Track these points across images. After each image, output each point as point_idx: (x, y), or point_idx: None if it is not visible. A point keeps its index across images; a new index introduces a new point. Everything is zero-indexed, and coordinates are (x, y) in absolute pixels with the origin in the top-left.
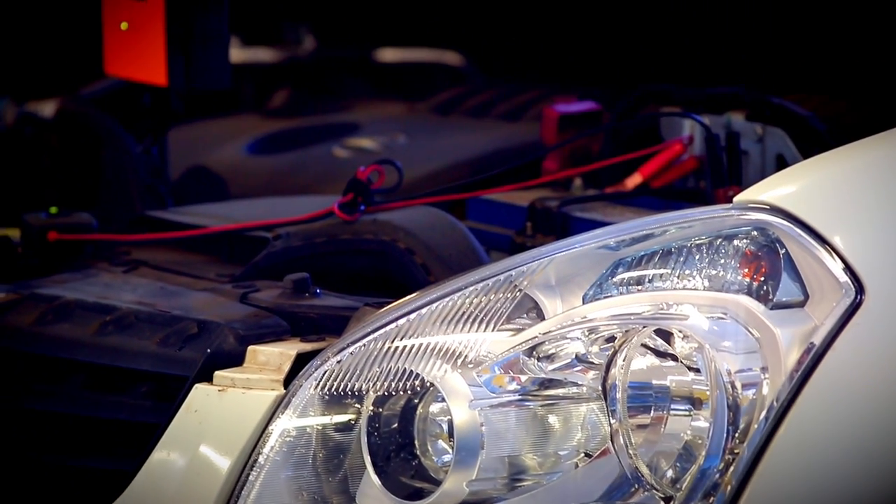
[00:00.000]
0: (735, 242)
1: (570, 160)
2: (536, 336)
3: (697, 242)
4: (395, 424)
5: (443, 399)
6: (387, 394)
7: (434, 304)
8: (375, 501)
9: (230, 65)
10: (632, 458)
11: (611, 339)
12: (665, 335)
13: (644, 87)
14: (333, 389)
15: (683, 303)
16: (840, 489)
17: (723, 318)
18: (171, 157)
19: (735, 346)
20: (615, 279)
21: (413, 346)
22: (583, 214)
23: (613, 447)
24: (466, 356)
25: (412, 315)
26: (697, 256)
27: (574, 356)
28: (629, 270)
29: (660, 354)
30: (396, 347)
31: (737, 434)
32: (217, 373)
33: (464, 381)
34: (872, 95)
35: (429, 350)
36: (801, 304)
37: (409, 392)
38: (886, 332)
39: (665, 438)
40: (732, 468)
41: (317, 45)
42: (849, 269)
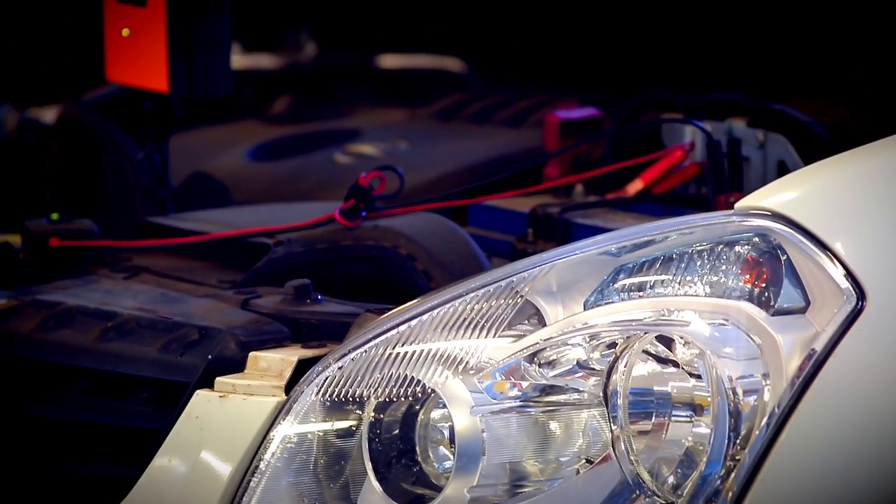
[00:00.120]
0: (736, 248)
1: (572, 166)
2: (538, 342)
3: (699, 248)
4: (397, 430)
5: (444, 405)
6: (388, 400)
7: (435, 311)
8: None
9: (231, 71)
10: (633, 465)
11: (612, 346)
12: (666, 341)
13: (645, 94)
14: (335, 395)
15: (685, 309)
16: (841, 495)
17: (724, 325)
18: (173, 164)
19: (736, 353)
20: (616, 285)
21: (414, 353)
22: (584, 220)
23: (615, 453)
24: (468, 362)
25: (413, 321)
26: (699, 263)
27: (575, 362)
28: (630, 276)
29: (661, 361)
30: (398, 353)
31: (738, 440)
32: (218, 379)
33: (465, 388)
34: (874, 101)
35: (430, 356)
36: (803, 311)
37: (411, 398)
38: (887, 339)
39: (666, 445)
40: (734, 474)
41: (318, 52)
42: (850, 276)
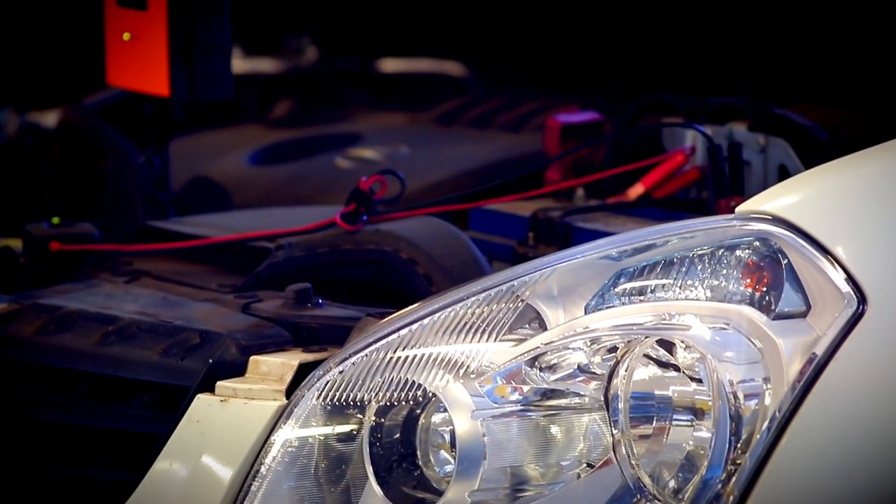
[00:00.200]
0: (737, 253)
1: (573, 170)
2: (538, 346)
3: (699, 253)
4: (397, 435)
5: (445, 409)
6: (389, 404)
7: (436, 315)
8: None
9: (232, 75)
10: (634, 469)
11: (613, 350)
12: (667, 345)
13: (646, 98)
14: (335, 400)
15: (685, 313)
16: (842, 499)
17: (725, 329)
18: (173, 168)
19: (737, 357)
20: (617, 289)
21: (415, 357)
22: (585, 225)
23: (615, 457)
24: (468, 366)
25: (414, 325)
26: (699, 267)
27: (576, 366)
28: (631, 281)
29: (662, 365)
30: (398, 358)
31: (739, 444)
32: (219, 383)
33: (466, 392)
34: (875, 106)
35: (431, 360)
36: (804, 315)
37: (412, 402)
38: (888, 343)
39: (667, 449)
40: (735, 478)
41: (319, 56)
42: (851, 280)
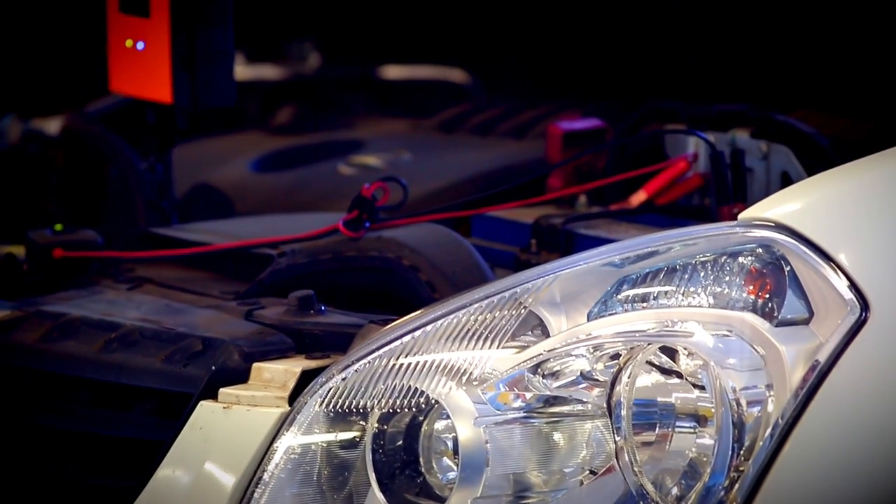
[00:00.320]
0: (740, 260)
1: (575, 177)
2: (541, 353)
3: (702, 260)
4: (400, 442)
5: (448, 416)
6: (392, 411)
7: (439, 322)
8: None
9: (235, 82)
10: (637, 476)
11: (615, 357)
12: (670, 352)
13: (649, 105)
14: (338, 406)
15: (688, 320)
16: None
17: (728, 336)
18: (176, 175)
19: (740, 364)
20: (620, 296)
21: (418, 364)
22: (587, 232)
23: (618, 464)
24: (471, 373)
25: (417, 332)
26: (702, 274)
27: (579, 373)
28: (634, 288)
29: (665, 372)
30: (401, 365)
31: (742, 451)
32: (222, 390)
33: (469, 399)
34: (877, 112)
35: (433, 367)
36: (806, 322)
37: (414, 409)
38: (891, 349)
39: (670, 456)
40: (737, 486)
41: (321, 62)
42: (854, 287)
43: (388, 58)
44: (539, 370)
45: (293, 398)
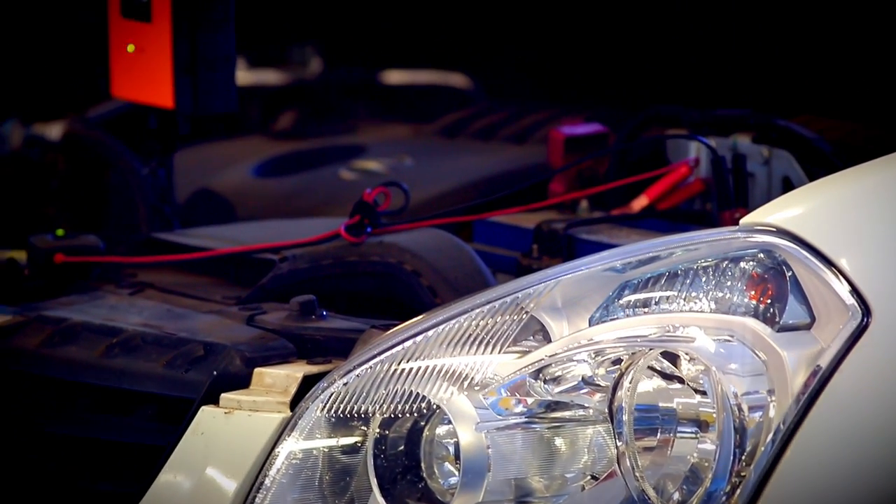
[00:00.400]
0: (741, 265)
1: (577, 182)
2: (543, 358)
3: (704, 265)
4: (402, 447)
5: (449, 421)
6: (393, 416)
7: (440, 327)
8: None
9: (236, 87)
10: (638, 481)
11: (617, 362)
12: (671, 357)
13: (650, 110)
14: (340, 412)
15: (690, 325)
16: None
17: (729, 341)
18: (178, 180)
19: (741, 369)
20: (621, 301)
21: (419, 369)
22: (589, 237)
23: (620, 470)
24: (473, 378)
25: (418, 337)
26: (704, 279)
27: (580, 378)
28: (635, 293)
29: (666, 377)
30: (403, 370)
31: (743, 457)
32: (223, 395)
33: (470, 404)
34: (878, 117)
35: (435, 372)
36: (808, 327)
37: (416, 414)
38: (893, 355)
39: (671, 461)
40: (739, 491)
41: (323, 68)
42: (855, 292)
43: (390, 63)
44: (540, 375)
45: (295, 403)
